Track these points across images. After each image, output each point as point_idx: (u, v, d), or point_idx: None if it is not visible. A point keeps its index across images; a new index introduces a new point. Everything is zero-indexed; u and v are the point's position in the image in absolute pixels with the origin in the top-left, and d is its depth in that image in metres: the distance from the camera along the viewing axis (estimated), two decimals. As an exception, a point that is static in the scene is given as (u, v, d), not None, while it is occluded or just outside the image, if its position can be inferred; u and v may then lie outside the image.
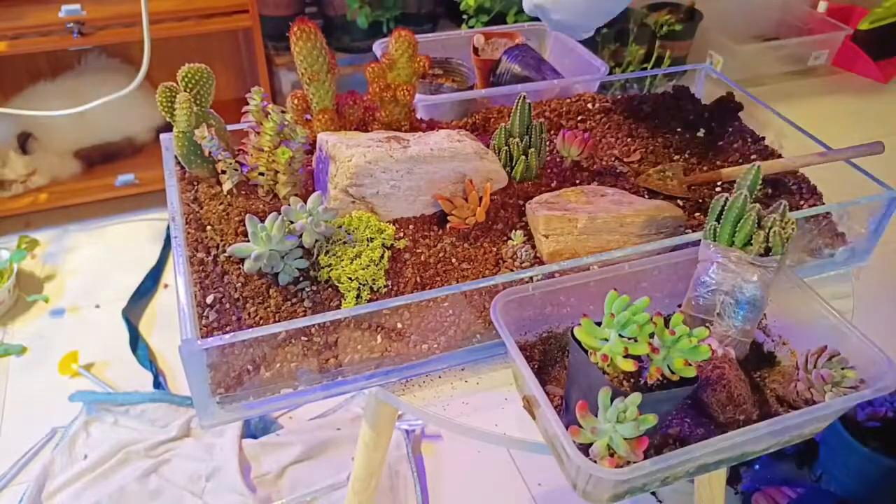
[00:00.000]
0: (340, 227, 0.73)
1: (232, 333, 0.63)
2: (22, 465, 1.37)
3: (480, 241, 0.77)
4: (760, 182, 0.71)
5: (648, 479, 0.59)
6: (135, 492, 1.30)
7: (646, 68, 2.15)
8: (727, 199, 0.68)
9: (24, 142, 1.88)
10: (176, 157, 0.85)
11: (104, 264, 1.87)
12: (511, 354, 0.63)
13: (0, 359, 1.59)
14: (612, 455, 0.56)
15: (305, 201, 0.70)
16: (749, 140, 0.97)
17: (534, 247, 0.76)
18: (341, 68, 0.93)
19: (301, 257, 0.70)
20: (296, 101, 0.86)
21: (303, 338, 0.66)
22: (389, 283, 0.71)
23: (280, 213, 0.69)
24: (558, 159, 0.90)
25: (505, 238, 0.78)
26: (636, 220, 0.76)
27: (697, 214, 0.84)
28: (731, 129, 0.98)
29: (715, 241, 0.69)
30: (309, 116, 0.87)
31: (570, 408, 0.62)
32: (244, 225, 0.73)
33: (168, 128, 0.82)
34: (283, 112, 0.78)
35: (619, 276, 0.71)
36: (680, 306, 0.73)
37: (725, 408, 0.63)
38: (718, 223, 0.69)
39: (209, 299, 0.68)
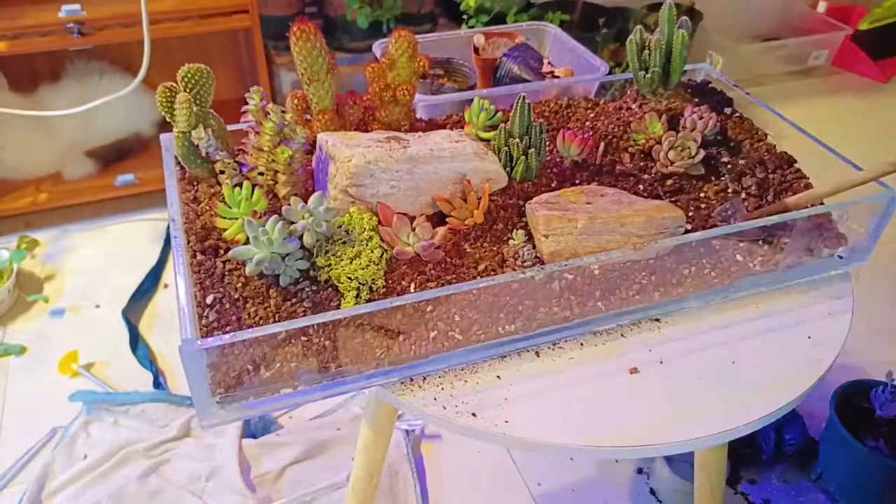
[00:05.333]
0: (340, 226, 0.73)
1: (232, 333, 0.63)
2: (22, 465, 1.37)
3: (480, 241, 0.77)
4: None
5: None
6: (135, 492, 1.30)
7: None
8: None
9: None
10: (176, 157, 0.85)
11: (104, 264, 1.87)
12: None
13: (0, 359, 1.59)
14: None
15: (305, 201, 0.71)
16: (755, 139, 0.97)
17: (534, 247, 0.76)
18: (341, 68, 0.93)
19: (302, 258, 0.70)
20: (296, 101, 0.86)
21: (303, 338, 0.66)
22: (388, 282, 0.71)
23: (280, 216, 0.69)
24: (558, 159, 0.90)
25: (505, 238, 0.78)
26: (636, 221, 0.76)
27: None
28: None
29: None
30: (309, 116, 0.87)
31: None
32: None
33: (170, 123, 0.82)
34: (282, 112, 0.78)
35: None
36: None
37: None
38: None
39: (209, 299, 0.68)
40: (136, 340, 1.63)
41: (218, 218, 0.73)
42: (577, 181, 0.88)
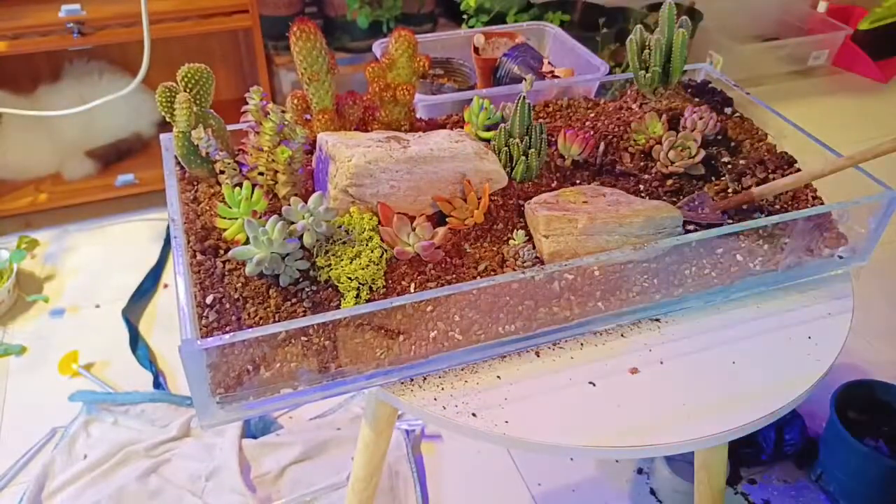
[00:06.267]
0: (340, 226, 0.73)
1: (232, 333, 0.63)
2: (22, 465, 1.37)
3: (480, 241, 0.77)
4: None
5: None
6: (135, 492, 1.30)
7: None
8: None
9: None
10: (176, 157, 0.85)
11: (104, 264, 1.87)
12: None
13: (0, 359, 1.59)
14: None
15: (305, 201, 0.70)
16: (756, 139, 0.96)
17: (534, 247, 0.76)
18: (341, 68, 0.93)
19: (302, 258, 0.70)
20: (295, 101, 0.86)
21: (302, 338, 0.66)
22: (389, 282, 0.71)
23: (280, 216, 0.69)
24: (559, 159, 0.90)
25: (506, 238, 0.78)
26: (635, 220, 0.76)
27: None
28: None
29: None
30: (309, 116, 0.87)
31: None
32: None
33: (170, 123, 0.83)
34: (282, 112, 0.78)
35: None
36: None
37: None
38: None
39: (209, 299, 0.68)
40: (136, 340, 1.63)
41: (218, 218, 0.73)
42: (578, 181, 0.88)
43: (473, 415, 0.69)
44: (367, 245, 0.72)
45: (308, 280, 0.70)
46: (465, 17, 2.03)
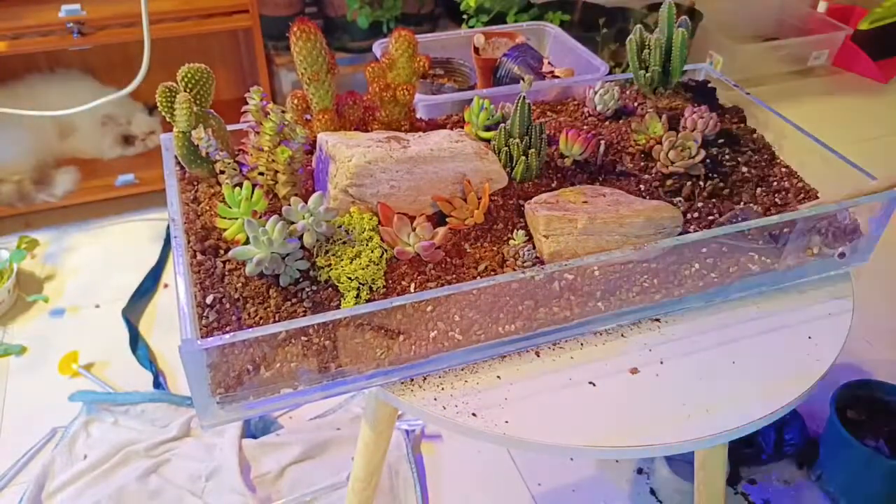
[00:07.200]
0: (340, 226, 0.73)
1: (232, 333, 0.63)
2: (22, 465, 1.37)
3: (480, 241, 0.77)
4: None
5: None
6: (135, 492, 1.30)
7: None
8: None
9: (152, 106, 2.12)
10: (176, 157, 0.85)
11: (104, 264, 1.87)
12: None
13: (0, 359, 1.59)
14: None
15: (305, 201, 0.71)
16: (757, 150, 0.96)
17: (534, 247, 0.76)
18: (341, 68, 0.93)
19: (302, 258, 0.70)
20: (296, 101, 0.86)
21: (302, 338, 0.66)
22: (388, 282, 0.71)
23: (280, 216, 0.69)
24: (559, 159, 0.90)
25: (506, 238, 0.78)
26: (635, 221, 0.76)
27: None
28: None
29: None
30: (309, 116, 0.87)
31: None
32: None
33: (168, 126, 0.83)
34: (282, 112, 0.78)
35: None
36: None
37: None
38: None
39: (209, 299, 0.68)
40: (136, 340, 1.63)
41: (218, 218, 0.73)
42: (578, 181, 0.88)
43: (473, 415, 0.69)
44: (367, 245, 0.72)
45: (308, 280, 0.70)
46: (465, 17, 2.03)
